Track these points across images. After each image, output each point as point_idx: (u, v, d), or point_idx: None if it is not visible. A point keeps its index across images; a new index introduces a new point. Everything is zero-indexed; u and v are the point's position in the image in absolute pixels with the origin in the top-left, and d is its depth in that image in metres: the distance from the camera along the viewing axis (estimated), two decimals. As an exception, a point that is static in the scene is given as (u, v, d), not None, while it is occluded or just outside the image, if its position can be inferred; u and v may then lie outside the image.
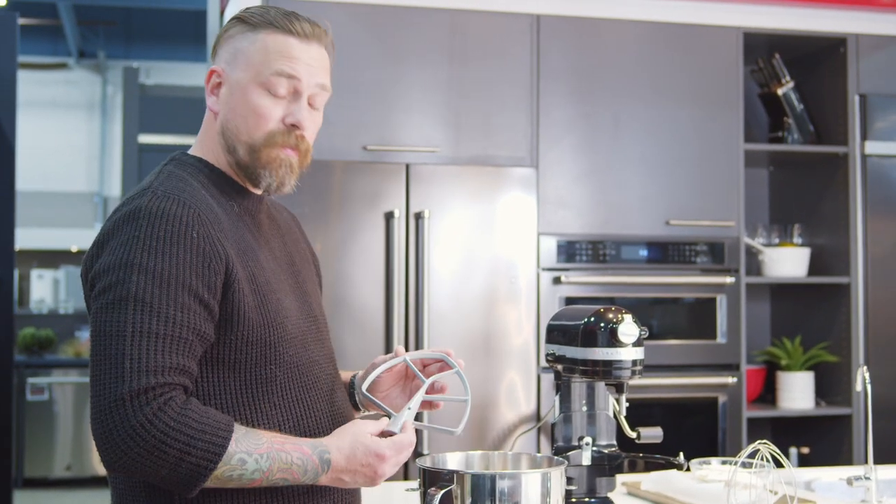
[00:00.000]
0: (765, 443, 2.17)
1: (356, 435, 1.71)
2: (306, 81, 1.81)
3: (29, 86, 11.17)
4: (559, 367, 2.25)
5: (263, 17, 1.81)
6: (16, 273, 10.51)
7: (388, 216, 3.77)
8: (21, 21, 9.86)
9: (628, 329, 2.13)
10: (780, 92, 4.43)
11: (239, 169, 1.83)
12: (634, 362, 2.16)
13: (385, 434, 1.75)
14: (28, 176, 10.79)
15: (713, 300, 4.12)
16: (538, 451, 3.83)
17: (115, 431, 1.56)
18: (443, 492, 1.80)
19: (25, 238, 9.94)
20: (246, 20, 1.82)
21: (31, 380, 8.03)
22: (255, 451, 1.62)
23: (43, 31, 10.92)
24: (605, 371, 2.15)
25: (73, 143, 11.68)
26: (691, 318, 4.13)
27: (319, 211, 3.73)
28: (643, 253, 4.09)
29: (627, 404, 2.22)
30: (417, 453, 3.69)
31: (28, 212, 10.32)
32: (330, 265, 3.71)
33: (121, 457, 1.57)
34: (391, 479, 3.44)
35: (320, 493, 1.79)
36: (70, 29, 10.43)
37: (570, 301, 3.94)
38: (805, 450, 4.30)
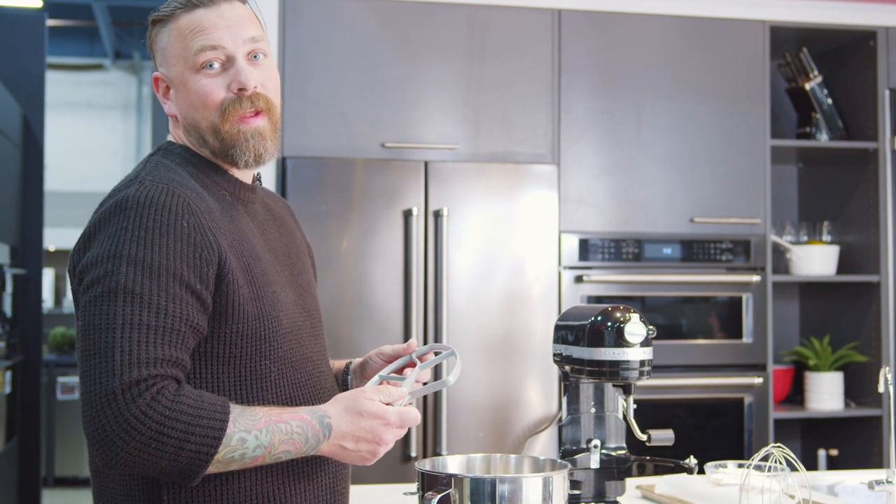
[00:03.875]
0: (778, 446, 2.11)
1: (359, 402, 1.66)
2: (232, 43, 1.75)
3: (65, 87, 11.25)
4: (567, 367, 2.20)
5: (168, 6, 1.78)
6: (51, 273, 10.63)
7: (407, 214, 3.73)
8: (56, 22, 9.95)
9: (635, 328, 2.07)
10: (807, 87, 4.34)
11: (217, 157, 1.79)
12: (642, 363, 2.09)
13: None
14: (64, 177, 10.88)
15: (739, 299, 4.05)
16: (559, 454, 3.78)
17: (108, 427, 1.51)
18: (440, 496, 1.75)
19: (61, 238, 10.00)
20: (157, 20, 1.80)
21: (61, 379, 8.06)
22: (253, 428, 1.59)
23: (78, 32, 10.99)
24: (612, 372, 2.09)
25: (108, 144, 11.75)
26: (717, 317, 4.06)
27: (338, 209, 3.69)
28: (667, 251, 4.02)
29: (635, 406, 2.16)
30: (436, 454, 3.65)
31: (64, 212, 10.39)
32: (349, 263, 3.68)
33: (117, 453, 1.52)
34: (391, 481, 3.40)
35: (309, 474, 1.76)
36: (105, 30, 10.48)
37: (592, 300, 3.89)
38: (834, 452, 4.21)
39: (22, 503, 6.13)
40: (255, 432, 1.59)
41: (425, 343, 3.73)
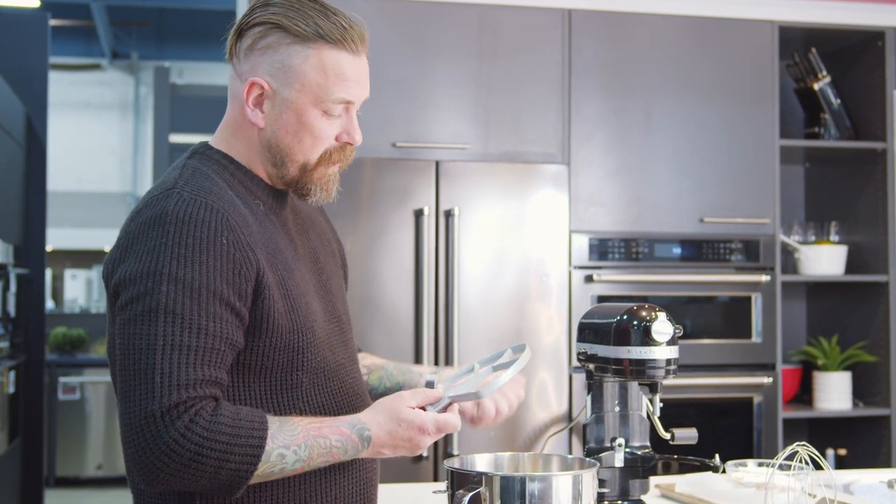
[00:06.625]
0: (804, 445, 2.11)
1: (397, 411, 1.69)
2: (358, 100, 1.80)
3: (62, 87, 11.22)
4: (591, 366, 2.19)
5: (309, 26, 1.72)
6: (49, 273, 10.60)
7: (418, 214, 3.72)
8: (54, 22, 9.92)
9: (662, 327, 2.07)
10: (816, 87, 4.35)
11: (283, 181, 1.79)
12: (669, 361, 2.09)
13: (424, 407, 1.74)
14: (62, 176, 10.85)
15: (748, 299, 4.05)
16: (570, 453, 3.78)
17: (148, 449, 1.53)
18: (471, 494, 1.75)
19: (59, 238, 9.98)
20: (288, 29, 1.72)
21: (62, 379, 8.03)
22: (292, 444, 1.60)
23: (76, 32, 10.96)
24: (639, 370, 2.09)
25: (106, 144, 11.72)
26: (726, 317, 4.07)
27: (349, 208, 3.69)
28: (676, 251, 4.02)
29: (661, 405, 2.16)
30: (448, 454, 3.65)
31: (62, 212, 10.37)
32: (359, 263, 3.67)
33: (158, 474, 1.53)
34: (403, 480, 3.40)
35: (339, 477, 1.78)
36: (103, 30, 10.46)
37: (602, 300, 3.89)
38: (842, 451, 4.22)
39: (25, 503, 6.12)
40: (294, 447, 1.60)
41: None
